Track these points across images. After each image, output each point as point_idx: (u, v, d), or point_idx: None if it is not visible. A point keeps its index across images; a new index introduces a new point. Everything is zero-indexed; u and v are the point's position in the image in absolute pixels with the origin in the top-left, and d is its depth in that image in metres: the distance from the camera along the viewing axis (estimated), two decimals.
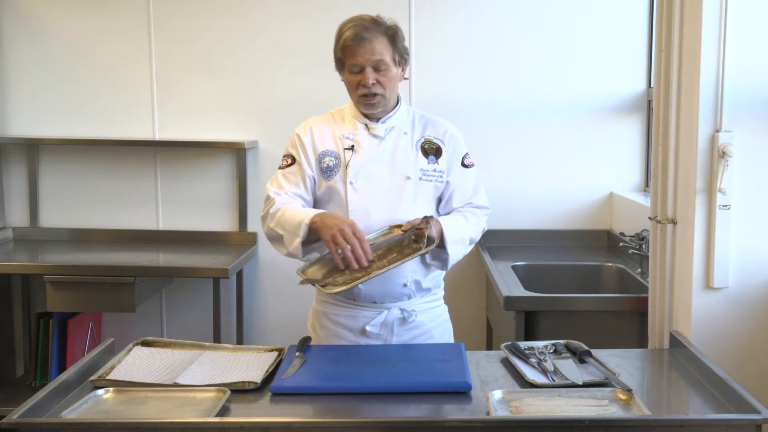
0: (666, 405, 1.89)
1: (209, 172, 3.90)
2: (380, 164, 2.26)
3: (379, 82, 2.21)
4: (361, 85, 2.21)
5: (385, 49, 2.20)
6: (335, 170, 2.26)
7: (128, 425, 1.64)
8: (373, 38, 2.18)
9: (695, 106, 2.15)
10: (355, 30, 2.18)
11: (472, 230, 2.30)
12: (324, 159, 2.27)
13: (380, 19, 2.24)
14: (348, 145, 2.27)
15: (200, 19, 3.82)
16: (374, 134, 2.29)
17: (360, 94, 2.23)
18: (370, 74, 2.20)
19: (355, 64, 2.20)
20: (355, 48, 2.18)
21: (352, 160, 2.25)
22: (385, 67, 2.21)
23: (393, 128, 2.30)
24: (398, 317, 2.28)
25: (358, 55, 2.18)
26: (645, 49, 3.74)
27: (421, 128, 2.34)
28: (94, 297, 3.33)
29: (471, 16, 3.75)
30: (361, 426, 1.64)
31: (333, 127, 2.32)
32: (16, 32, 3.87)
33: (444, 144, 2.32)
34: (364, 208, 2.23)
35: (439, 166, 2.30)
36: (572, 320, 2.78)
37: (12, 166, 3.94)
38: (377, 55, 2.18)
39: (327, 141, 2.29)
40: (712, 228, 2.16)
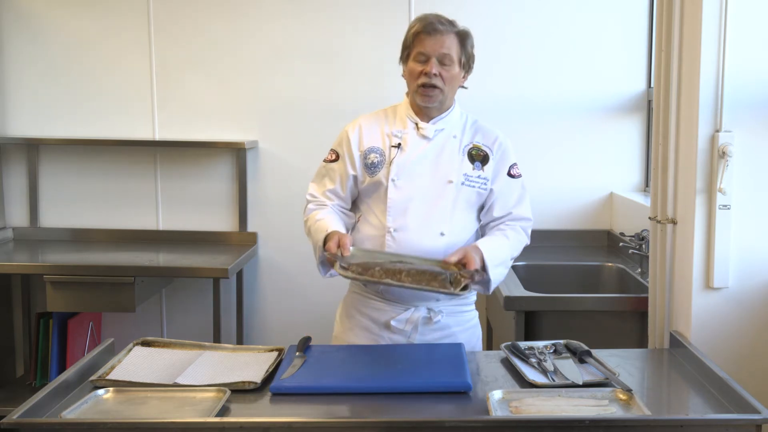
0: (666, 405, 1.89)
1: (209, 172, 3.90)
2: (423, 164, 2.27)
3: (440, 76, 2.22)
4: (423, 74, 2.22)
5: (453, 46, 2.24)
6: (380, 166, 2.28)
7: (128, 425, 1.64)
8: (445, 32, 2.23)
9: (695, 106, 2.16)
10: (428, 21, 2.23)
11: (513, 248, 2.29)
12: (369, 155, 2.30)
13: (454, 21, 2.29)
14: (395, 143, 2.29)
15: (200, 19, 3.82)
16: (423, 134, 2.29)
17: (420, 83, 2.23)
18: (434, 64, 2.21)
19: (422, 52, 2.22)
20: (426, 37, 2.22)
21: (396, 158, 2.27)
22: (449, 63, 2.23)
23: (443, 130, 2.30)
24: (424, 315, 2.27)
25: (427, 45, 2.21)
26: (645, 49, 3.74)
27: (471, 134, 2.34)
28: (94, 297, 3.33)
29: (471, 16, 3.72)
30: (361, 426, 1.64)
31: (383, 124, 2.34)
32: (16, 32, 3.87)
33: (492, 152, 2.32)
34: (401, 206, 2.24)
35: (484, 173, 2.29)
36: (572, 320, 2.78)
37: (12, 166, 3.94)
38: (445, 49, 2.22)
39: (374, 138, 2.32)
40: (712, 228, 2.16)
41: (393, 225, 2.24)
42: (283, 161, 3.84)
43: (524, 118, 3.78)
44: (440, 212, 2.24)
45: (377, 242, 2.26)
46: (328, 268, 2.24)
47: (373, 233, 2.28)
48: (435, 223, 2.24)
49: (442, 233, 2.23)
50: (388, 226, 2.24)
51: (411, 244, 2.22)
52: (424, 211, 2.24)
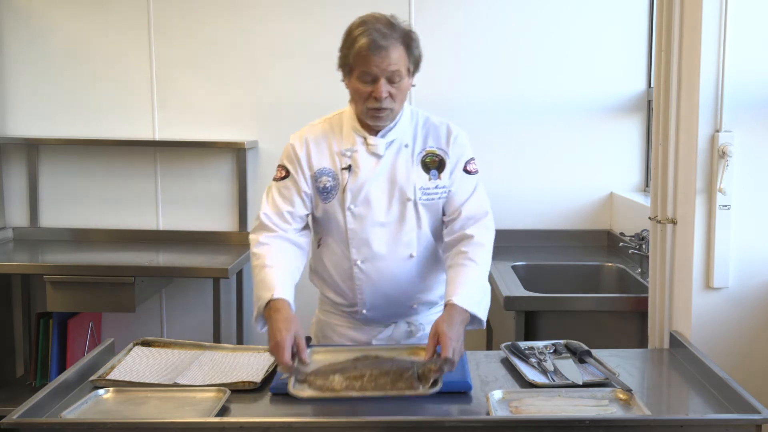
0: (666, 405, 1.89)
1: (209, 172, 3.90)
2: (379, 186, 2.11)
3: (390, 95, 2.04)
4: (371, 98, 2.03)
5: (401, 58, 2.02)
6: (333, 192, 2.12)
7: (128, 425, 1.64)
8: (390, 46, 1.99)
9: (695, 106, 2.15)
10: (371, 36, 1.99)
11: (485, 267, 2.10)
12: (321, 178, 2.13)
13: (396, 22, 2.06)
14: (345, 165, 2.11)
15: (200, 19, 3.82)
16: (373, 152, 2.12)
17: (369, 107, 2.05)
18: (383, 87, 2.02)
19: (367, 73, 2.01)
20: (371, 57, 1.99)
21: (349, 183, 2.11)
22: (399, 79, 2.03)
23: (393, 142, 2.14)
24: (405, 330, 2.25)
25: (373, 64, 1.99)
26: (645, 49, 3.74)
27: (423, 138, 2.17)
28: (94, 297, 3.33)
29: (471, 16, 3.75)
30: (361, 426, 1.64)
31: (331, 140, 2.15)
32: (16, 32, 3.87)
33: (447, 154, 2.15)
34: (363, 236, 2.12)
35: (441, 181, 2.14)
36: (572, 320, 2.78)
37: (12, 166, 3.94)
38: (393, 66, 2.00)
39: (324, 158, 2.14)
40: (712, 228, 2.16)
41: (358, 257, 2.14)
42: None
43: (524, 118, 3.78)
44: (406, 234, 2.13)
45: (345, 274, 2.17)
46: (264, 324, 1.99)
47: (338, 264, 2.18)
48: (402, 246, 2.14)
49: (411, 255, 2.15)
50: (353, 258, 2.14)
51: (380, 273, 2.14)
52: (388, 237, 2.12)
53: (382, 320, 2.23)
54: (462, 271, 2.04)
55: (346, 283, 2.19)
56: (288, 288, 2.00)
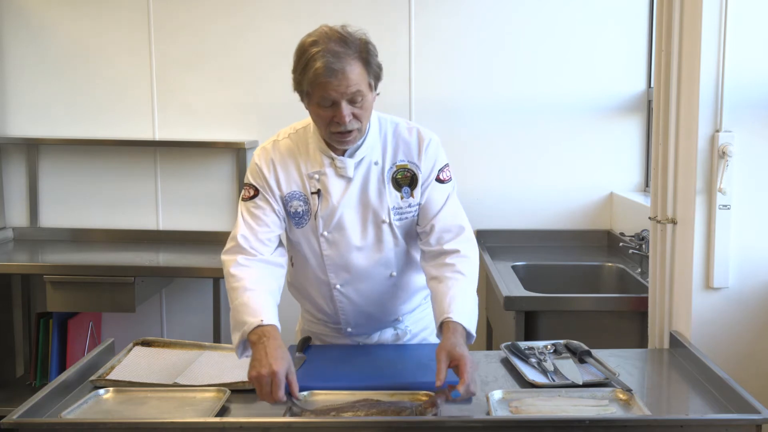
0: (666, 405, 1.89)
1: (209, 172, 3.90)
2: (352, 210, 2.01)
3: (355, 117, 1.89)
4: (334, 122, 1.89)
5: (360, 77, 1.86)
6: (305, 217, 2.03)
7: (128, 425, 1.64)
8: (346, 67, 1.83)
9: (695, 106, 2.15)
10: (324, 59, 1.82)
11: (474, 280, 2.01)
12: (291, 203, 2.02)
13: (349, 36, 1.88)
14: (314, 189, 2.01)
15: (200, 19, 3.82)
16: (342, 174, 2.00)
17: (334, 131, 1.91)
18: (345, 110, 1.86)
19: (326, 98, 1.86)
20: (327, 82, 1.83)
21: (319, 209, 2.00)
22: (361, 99, 1.88)
23: (362, 160, 2.01)
24: (392, 334, 2.23)
25: (331, 89, 1.83)
26: (645, 49, 3.74)
27: (392, 151, 2.04)
28: (94, 297, 3.33)
29: (471, 16, 3.75)
30: (361, 426, 1.64)
31: (298, 160, 2.03)
32: (16, 32, 3.87)
33: (419, 167, 2.03)
34: (341, 262, 2.05)
35: (414, 199, 2.03)
36: (572, 320, 2.78)
37: (12, 166, 3.94)
38: (353, 87, 1.84)
39: (292, 180, 2.02)
40: (712, 228, 2.16)
41: (337, 281, 2.07)
42: None
43: (524, 118, 3.78)
44: (384, 255, 2.06)
45: (326, 297, 2.12)
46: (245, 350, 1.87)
47: (317, 287, 2.12)
48: (381, 267, 2.07)
49: (391, 275, 2.09)
50: (332, 282, 2.08)
51: (361, 294, 2.09)
52: (366, 260, 2.05)
53: (368, 333, 2.22)
54: (453, 285, 1.94)
55: (328, 305, 2.14)
56: (275, 314, 1.88)
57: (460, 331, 1.83)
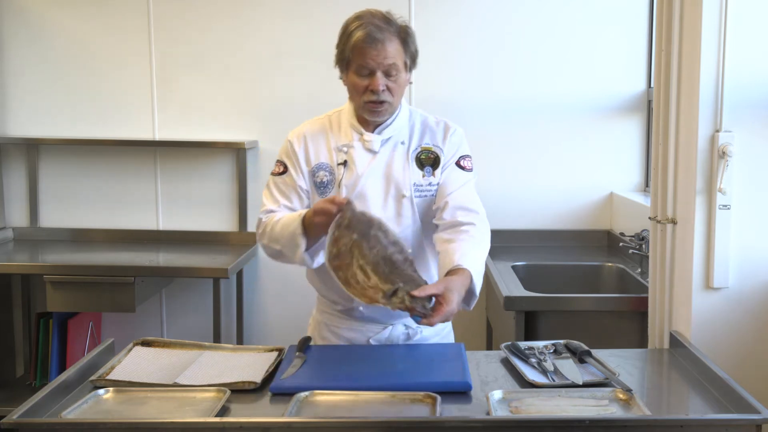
0: (666, 405, 1.89)
1: (209, 172, 3.90)
2: (374, 182, 2.12)
3: (388, 89, 2.06)
4: (368, 91, 2.05)
5: (398, 52, 2.04)
6: (329, 186, 2.14)
7: (128, 425, 1.64)
8: (386, 40, 2.02)
9: (695, 106, 2.16)
10: (367, 29, 2.01)
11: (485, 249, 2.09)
12: (318, 173, 2.15)
13: (391, 17, 2.07)
14: (341, 160, 2.13)
15: (200, 19, 3.82)
16: (368, 147, 2.14)
17: (367, 100, 2.07)
18: (380, 80, 2.04)
19: (364, 66, 2.04)
20: (368, 49, 2.01)
21: (344, 178, 2.12)
22: (396, 73, 2.05)
23: (390, 139, 2.15)
24: (403, 332, 2.24)
25: (369, 58, 2.02)
26: (645, 49, 3.74)
27: (419, 136, 2.18)
28: (94, 297, 3.33)
29: (471, 16, 3.75)
30: (361, 426, 1.64)
31: (329, 135, 2.18)
32: (16, 32, 3.87)
33: (443, 151, 2.17)
34: None
35: (435, 178, 2.15)
36: (572, 320, 2.78)
37: (12, 166, 3.94)
38: (390, 59, 2.02)
39: (321, 153, 2.16)
40: (712, 228, 2.16)
41: None
42: None
43: (524, 118, 3.78)
44: (402, 231, 2.12)
45: None
46: (315, 254, 2.05)
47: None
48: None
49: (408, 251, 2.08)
50: None
51: None
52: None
53: (380, 319, 2.23)
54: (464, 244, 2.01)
55: None
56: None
57: (465, 279, 1.92)
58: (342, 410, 1.74)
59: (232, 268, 3.38)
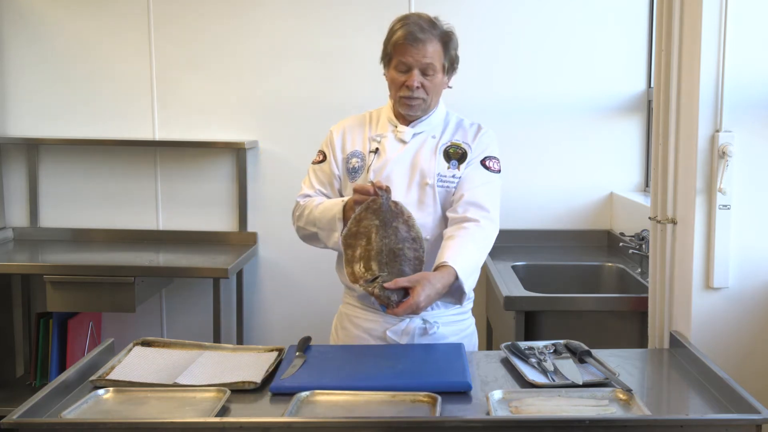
0: (666, 405, 1.89)
1: (209, 172, 3.90)
2: (400, 168, 2.23)
3: (423, 87, 2.17)
4: (404, 86, 2.17)
5: (436, 53, 2.16)
6: (360, 171, 2.26)
7: (128, 425, 1.64)
8: (427, 40, 2.14)
9: (695, 106, 2.15)
10: (410, 28, 2.14)
11: (484, 246, 2.16)
12: (351, 159, 2.28)
13: (437, 22, 2.20)
14: (373, 148, 2.26)
15: (200, 19, 3.82)
16: (400, 138, 2.25)
17: (402, 95, 2.19)
18: (416, 76, 2.16)
19: (403, 62, 2.16)
20: (407, 47, 2.13)
21: (373, 163, 2.24)
22: (432, 72, 2.17)
23: (422, 132, 2.26)
24: (420, 326, 2.24)
25: (409, 55, 2.14)
26: (645, 49, 3.74)
27: (451, 133, 2.29)
28: (94, 297, 3.33)
29: (471, 16, 3.75)
30: (361, 426, 1.64)
31: (366, 127, 2.31)
32: (16, 32, 3.87)
33: (471, 148, 2.26)
34: None
35: (459, 172, 2.23)
36: (572, 320, 2.78)
37: (12, 166, 3.94)
38: (428, 58, 2.14)
39: (357, 142, 2.29)
40: (712, 228, 2.16)
41: None
42: (283, 161, 3.84)
43: (524, 118, 3.78)
44: (423, 217, 2.19)
45: None
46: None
47: None
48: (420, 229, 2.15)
49: (426, 238, 2.17)
50: None
51: None
52: None
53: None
54: (460, 241, 2.09)
55: None
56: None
57: (446, 279, 2.00)
58: (342, 410, 1.74)
59: (232, 268, 3.39)
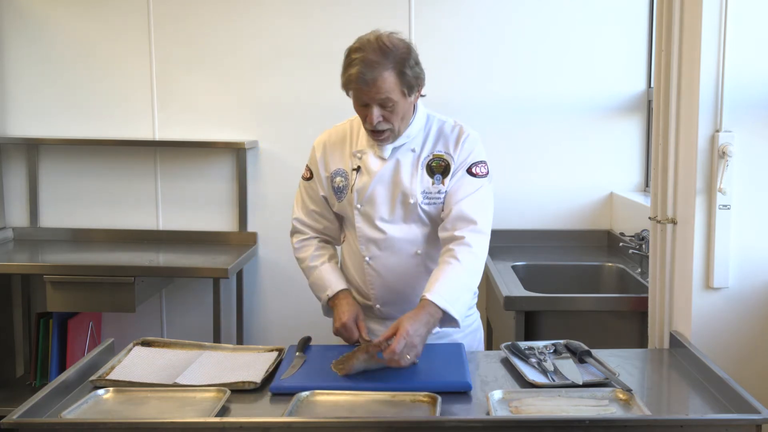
0: (666, 405, 1.89)
1: (209, 172, 3.90)
2: (383, 187, 2.18)
3: (385, 119, 2.09)
4: (367, 121, 2.10)
5: (391, 86, 2.04)
6: (345, 191, 2.22)
7: (128, 425, 1.64)
8: (378, 77, 2.02)
9: (695, 106, 2.15)
10: (359, 69, 2.01)
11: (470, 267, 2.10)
12: (335, 179, 2.24)
13: (389, 47, 2.05)
14: (355, 166, 2.21)
15: (200, 19, 3.82)
16: (379, 155, 2.19)
17: (368, 129, 2.13)
18: (375, 112, 2.07)
19: (359, 98, 2.08)
20: (360, 87, 2.04)
21: (356, 183, 2.19)
22: (392, 104, 2.07)
23: (402, 146, 2.19)
24: None
25: (363, 94, 2.05)
26: (645, 49, 3.74)
27: (432, 143, 2.21)
28: (94, 297, 3.33)
29: (470, 16, 3.75)
30: (361, 426, 1.64)
31: (348, 141, 2.25)
32: (16, 32, 3.87)
33: (453, 159, 2.19)
34: (370, 236, 2.20)
35: (444, 186, 2.18)
36: (572, 320, 2.78)
37: (12, 166, 3.94)
38: (383, 94, 2.04)
39: (338, 159, 2.24)
40: (712, 228, 2.16)
41: (367, 254, 2.22)
42: (283, 161, 3.84)
43: (524, 118, 3.78)
44: (412, 233, 2.20)
45: (359, 269, 2.25)
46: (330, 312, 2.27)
47: (354, 260, 2.27)
48: (408, 244, 2.20)
49: (417, 252, 2.21)
50: (362, 254, 2.22)
51: (388, 269, 2.21)
52: (394, 235, 2.19)
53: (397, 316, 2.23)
54: (443, 269, 2.08)
55: (360, 277, 2.27)
56: (338, 279, 2.25)
57: (429, 308, 2.00)
58: (342, 410, 1.74)
59: (232, 268, 3.39)
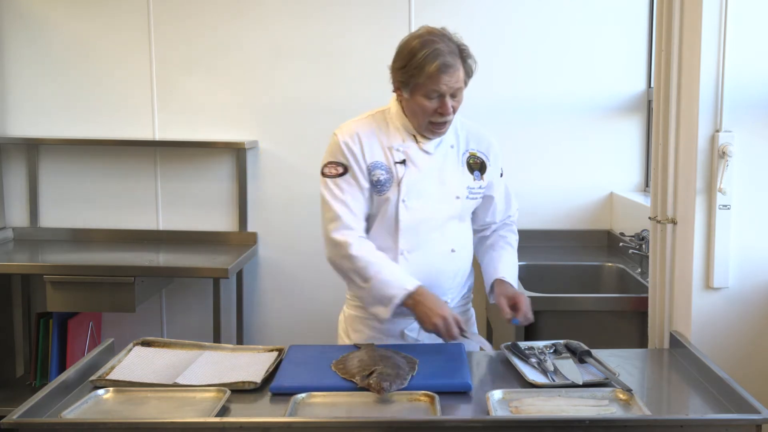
0: (666, 405, 1.89)
1: (209, 172, 3.90)
2: (431, 182, 2.20)
3: (453, 109, 2.14)
4: (437, 113, 2.11)
5: (462, 75, 2.12)
6: (387, 185, 2.18)
7: (128, 425, 1.64)
8: (458, 66, 2.09)
9: (695, 106, 2.15)
10: (443, 59, 2.06)
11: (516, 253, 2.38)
12: (374, 172, 2.18)
13: (452, 38, 2.13)
14: (399, 159, 2.18)
15: (200, 19, 3.82)
16: (424, 149, 2.20)
17: (434, 122, 2.13)
18: (449, 103, 2.11)
19: (436, 90, 2.08)
20: (442, 77, 2.06)
21: (405, 176, 2.17)
22: (460, 93, 2.14)
23: (441, 142, 2.23)
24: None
25: (443, 83, 2.07)
26: (645, 49, 3.74)
27: (464, 140, 2.28)
28: (94, 297, 3.33)
29: (471, 16, 3.75)
30: (361, 426, 1.64)
31: (380, 135, 2.21)
32: (16, 32, 3.87)
33: (488, 159, 2.29)
34: (413, 227, 2.19)
35: (483, 182, 2.27)
36: (572, 320, 2.78)
37: (12, 166, 3.94)
38: (459, 83, 2.10)
39: (376, 152, 2.19)
40: (712, 228, 2.16)
41: (405, 246, 2.20)
42: (283, 161, 3.84)
43: (524, 118, 3.78)
44: (450, 229, 2.24)
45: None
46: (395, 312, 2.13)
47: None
48: (446, 241, 2.23)
49: (453, 250, 2.24)
50: (400, 248, 2.20)
51: (424, 263, 2.21)
52: (435, 231, 2.22)
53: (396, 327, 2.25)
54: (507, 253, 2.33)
55: None
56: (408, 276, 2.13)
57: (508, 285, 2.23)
58: (341, 410, 1.74)
59: (232, 268, 3.39)
